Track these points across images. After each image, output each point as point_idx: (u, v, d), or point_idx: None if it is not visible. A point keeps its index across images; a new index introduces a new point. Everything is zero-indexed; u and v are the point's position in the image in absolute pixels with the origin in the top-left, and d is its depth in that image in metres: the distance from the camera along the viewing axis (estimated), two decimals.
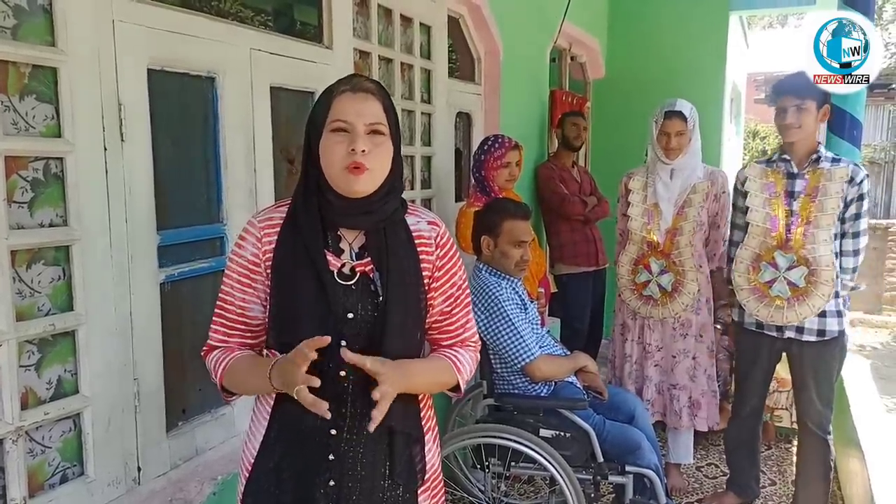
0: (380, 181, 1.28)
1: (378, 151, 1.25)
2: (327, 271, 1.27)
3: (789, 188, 2.60)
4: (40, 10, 1.51)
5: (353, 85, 1.27)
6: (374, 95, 1.27)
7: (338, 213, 1.29)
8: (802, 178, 2.58)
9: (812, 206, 2.54)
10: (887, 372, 6.47)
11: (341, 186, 1.25)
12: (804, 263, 2.56)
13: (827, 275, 2.53)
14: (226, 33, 1.98)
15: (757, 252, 2.66)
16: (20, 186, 1.50)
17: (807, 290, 2.55)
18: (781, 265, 2.60)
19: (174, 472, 1.87)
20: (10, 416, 1.47)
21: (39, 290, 1.55)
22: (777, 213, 2.61)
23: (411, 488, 1.35)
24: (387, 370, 1.19)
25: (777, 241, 2.61)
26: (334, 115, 1.25)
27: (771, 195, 2.63)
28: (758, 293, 2.66)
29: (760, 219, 2.65)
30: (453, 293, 1.39)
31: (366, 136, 1.24)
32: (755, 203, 2.67)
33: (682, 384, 3.03)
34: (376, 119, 1.26)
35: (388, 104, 1.30)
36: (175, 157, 1.90)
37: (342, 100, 1.26)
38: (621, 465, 2.45)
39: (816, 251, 2.53)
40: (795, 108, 2.52)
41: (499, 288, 2.49)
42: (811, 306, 2.55)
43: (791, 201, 2.59)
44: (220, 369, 1.33)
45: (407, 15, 2.94)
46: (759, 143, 14.25)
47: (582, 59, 5.15)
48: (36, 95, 1.51)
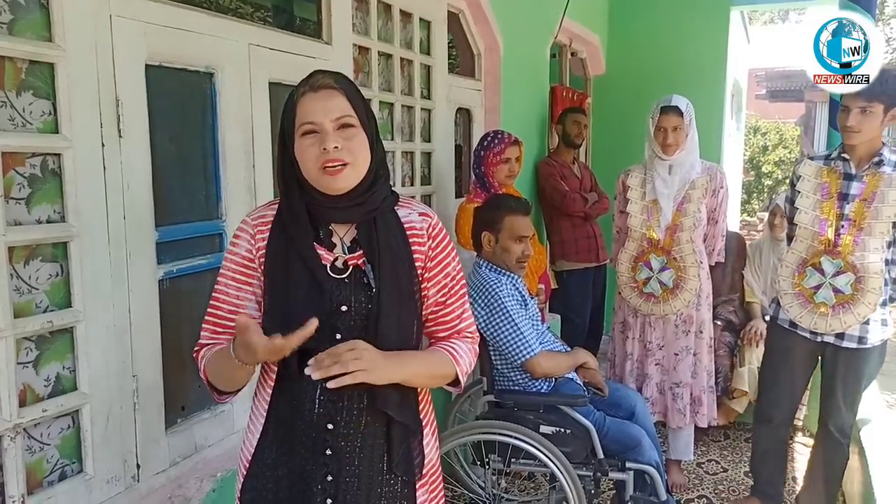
0: (361, 173, 1.27)
1: (351, 144, 1.24)
2: (318, 265, 1.27)
3: (844, 190, 2.47)
4: (37, 5, 1.50)
5: (312, 84, 1.26)
6: (335, 90, 1.26)
7: (327, 209, 1.29)
8: (860, 181, 2.45)
9: (867, 213, 2.42)
10: (887, 368, 6.45)
11: (322, 186, 1.25)
12: (851, 270, 2.45)
13: (875, 282, 2.42)
14: (224, 29, 1.97)
15: (804, 256, 2.55)
16: (17, 182, 1.49)
17: (853, 297, 2.45)
18: (828, 271, 2.49)
19: (173, 470, 1.87)
20: (9, 414, 1.46)
21: (37, 286, 1.55)
22: (827, 215, 2.49)
23: (409, 481, 1.34)
24: (364, 348, 1.18)
25: (825, 245, 2.50)
26: (301, 119, 1.25)
27: (823, 196, 2.51)
28: (802, 298, 2.56)
29: (809, 221, 2.54)
30: (447, 283, 1.39)
31: (335, 132, 1.23)
32: (805, 204, 2.55)
33: (685, 382, 3.02)
34: (342, 112, 1.25)
35: (354, 94, 1.28)
36: (173, 153, 1.90)
37: (305, 101, 1.25)
38: (622, 462, 2.44)
39: (866, 258, 2.42)
40: (860, 110, 2.38)
41: (499, 284, 2.49)
42: (856, 314, 2.45)
43: (844, 204, 2.46)
44: (203, 366, 1.33)
45: (406, 10, 2.93)
46: (760, 138, 14.24)
47: (582, 55, 5.13)
48: (33, 91, 1.50)
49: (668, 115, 2.86)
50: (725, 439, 3.74)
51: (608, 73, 5.30)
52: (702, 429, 3.24)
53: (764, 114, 15.55)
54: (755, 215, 12.41)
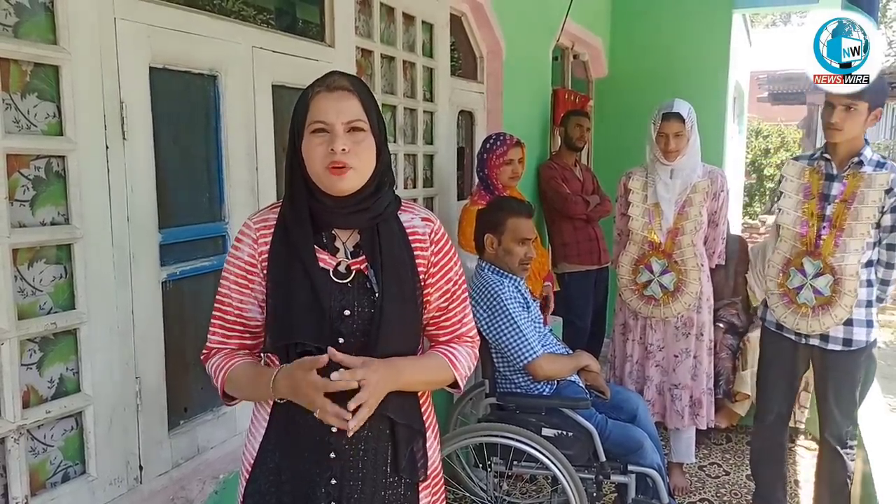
0: (365, 177, 1.27)
1: (359, 149, 1.25)
2: (319, 274, 1.27)
3: (825, 191, 2.48)
4: (42, 8, 1.50)
5: (329, 84, 1.27)
6: (350, 92, 1.26)
7: (330, 213, 1.29)
8: (840, 182, 2.45)
9: (846, 213, 2.41)
10: (890, 371, 6.44)
11: (325, 186, 1.26)
12: (830, 272, 2.45)
13: (850, 285, 2.42)
14: (228, 31, 1.97)
15: (787, 256, 2.57)
16: (22, 185, 1.50)
17: (831, 299, 2.45)
18: (809, 272, 2.51)
19: (176, 471, 1.87)
20: (12, 415, 1.47)
21: (41, 288, 1.55)
22: (808, 217, 2.50)
23: (413, 483, 1.35)
24: (370, 375, 1.18)
25: (806, 245, 2.51)
26: (312, 117, 1.25)
27: (805, 197, 2.52)
28: (786, 299, 2.57)
29: (791, 222, 2.55)
30: (449, 288, 1.39)
31: (345, 134, 1.24)
32: (787, 205, 2.56)
33: (685, 384, 3.02)
34: (354, 116, 1.25)
35: (367, 99, 1.29)
36: (177, 156, 1.90)
37: (318, 100, 1.25)
38: (623, 465, 2.44)
39: (845, 259, 2.42)
40: (844, 107, 2.37)
41: (501, 286, 2.49)
42: (834, 316, 2.45)
43: (825, 205, 2.46)
44: (221, 376, 1.33)
45: (409, 13, 2.93)
46: (762, 141, 14.22)
47: (584, 58, 5.14)
48: (38, 93, 1.51)
49: (669, 122, 2.86)
50: (727, 442, 3.73)
51: (610, 76, 5.30)
52: (703, 432, 3.24)
53: (766, 116, 15.54)
54: (757, 218, 12.40)
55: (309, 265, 1.27)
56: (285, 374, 1.21)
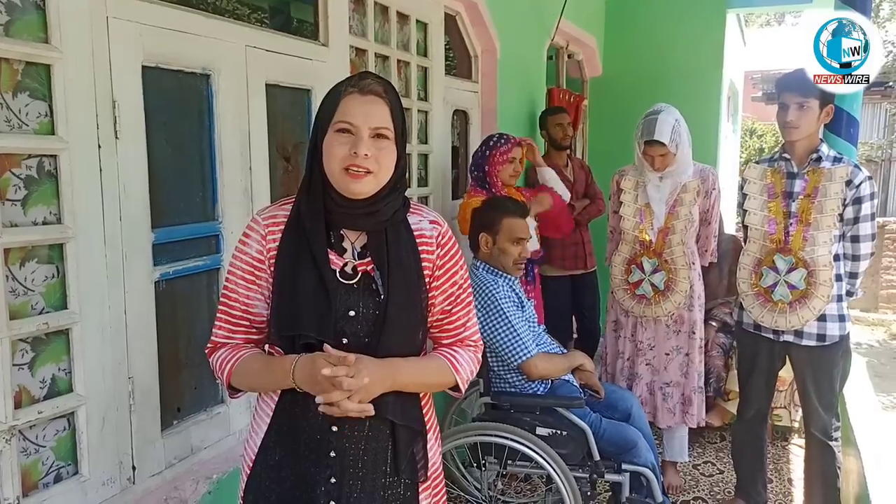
0: (382, 183, 1.28)
1: (381, 155, 1.25)
2: (330, 270, 1.27)
3: (788, 189, 2.56)
4: (33, 7, 1.50)
5: (362, 87, 1.26)
6: (381, 98, 1.27)
7: (341, 214, 1.29)
8: (802, 179, 2.54)
9: (811, 208, 2.50)
10: (883, 370, 6.48)
11: (340, 186, 1.26)
12: (803, 265, 2.52)
13: (825, 275, 2.49)
14: (221, 30, 1.97)
15: (758, 257, 2.63)
16: (13, 184, 1.49)
17: (806, 291, 2.51)
18: (781, 268, 2.56)
19: (169, 471, 1.87)
20: (4, 415, 1.46)
21: (33, 288, 1.54)
22: (775, 215, 2.57)
23: (413, 484, 1.35)
24: (365, 365, 1.19)
25: (776, 243, 2.58)
26: (340, 116, 1.25)
27: (770, 197, 2.60)
28: (761, 298, 2.62)
29: (758, 222, 2.62)
30: (454, 292, 1.39)
31: (370, 139, 1.24)
32: (753, 206, 2.64)
33: (675, 381, 3.03)
34: (382, 123, 1.25)
35: (396, 107, 1.29)
36: (170, 155, 1.89)
37: (349, 100, 1.25)
38: (618, 464, 2.45)
39: (815, 252, 2.49)
40: (797, 105, 2.47)
41: (496, 286, 2.49)
42: (811, 308, 2.51)
43: (790, 202, 2.55)
44: (228, 368, 1.33)
45: (403, 12, 2.93)
46: (757, 141, 14.26)
47: (579, 57, 5.14)
48: (29, 92, 1.50)
49: (652, 146, 2.84)
50: (721, 441, 3.74)
51: (605, 75, 5.31)
52: (697, 430, 3.25)
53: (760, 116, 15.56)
54: None
55: (320, 259, 1.27)
56: (307, 360, 1.21)
